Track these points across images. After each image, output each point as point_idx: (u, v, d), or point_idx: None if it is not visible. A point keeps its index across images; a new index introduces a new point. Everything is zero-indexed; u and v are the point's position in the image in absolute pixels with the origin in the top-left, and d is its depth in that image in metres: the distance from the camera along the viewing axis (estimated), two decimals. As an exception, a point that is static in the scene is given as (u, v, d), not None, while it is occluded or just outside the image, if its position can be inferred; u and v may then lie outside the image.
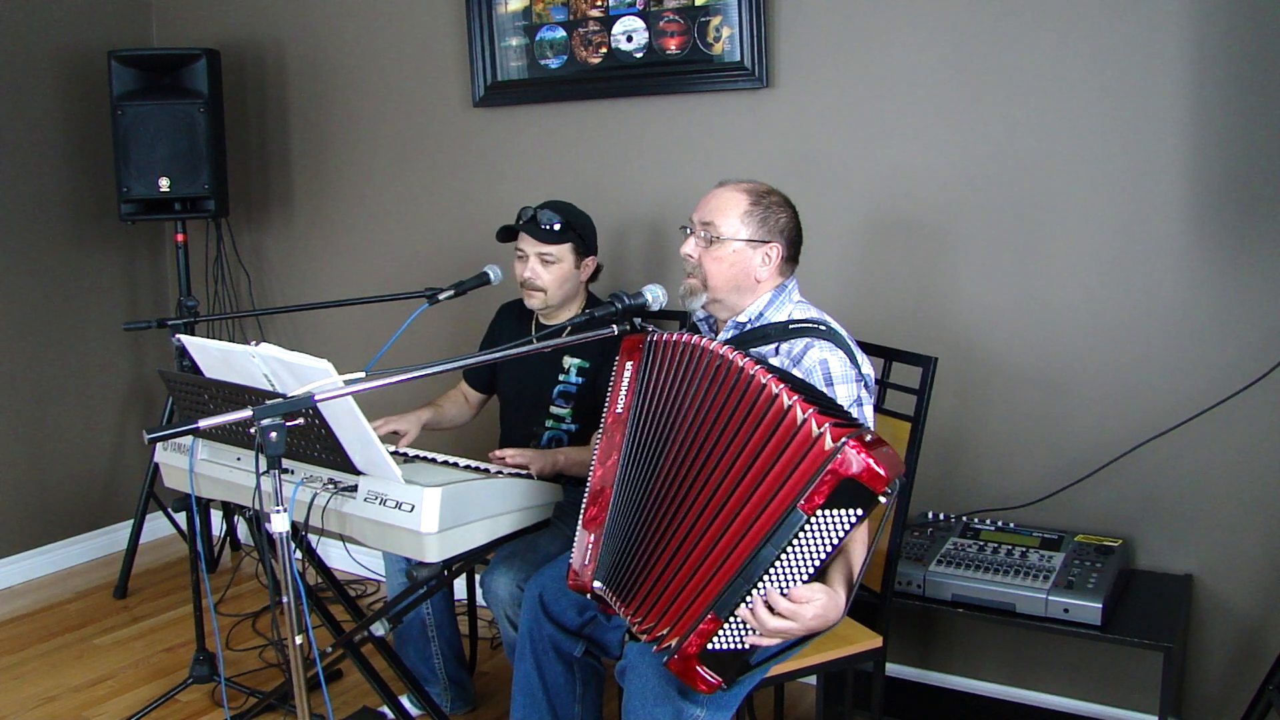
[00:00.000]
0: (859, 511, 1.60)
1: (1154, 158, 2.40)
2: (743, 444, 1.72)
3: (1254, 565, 2.40)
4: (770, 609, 1.67)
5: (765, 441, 1.69)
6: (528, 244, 2.55)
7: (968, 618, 2.33)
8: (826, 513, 1.60)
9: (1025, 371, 2.59)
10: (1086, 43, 2.43)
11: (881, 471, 1.57)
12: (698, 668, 1.71)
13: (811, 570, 1.65)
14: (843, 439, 1.59)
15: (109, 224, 3.85)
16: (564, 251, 2.55)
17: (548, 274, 2.55)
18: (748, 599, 1.68)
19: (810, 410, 1.65)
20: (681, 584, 1.76)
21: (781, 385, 1.70)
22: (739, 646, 1.72)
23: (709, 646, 1.71)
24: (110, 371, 3.97)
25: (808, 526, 1.62)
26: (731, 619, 1.70)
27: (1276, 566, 2.38)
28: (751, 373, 1.74)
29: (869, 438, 1.61)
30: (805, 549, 1.64)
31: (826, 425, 1.62)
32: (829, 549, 1.63)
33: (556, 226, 2.52)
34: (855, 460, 1.57)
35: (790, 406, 1.67)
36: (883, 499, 1.59)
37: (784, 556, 1.64)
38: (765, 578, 1.66)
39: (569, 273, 2.57)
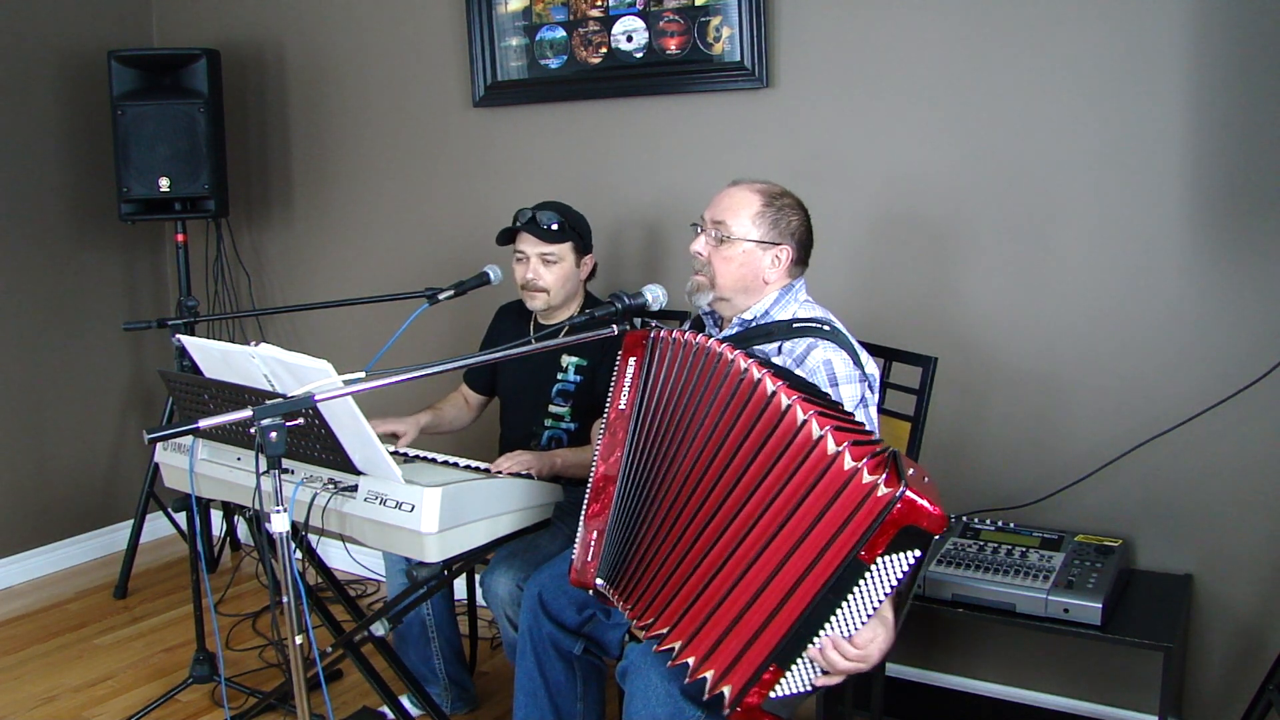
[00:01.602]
0: (918, 553, 1.57)
1: (1154, 158, 2.39)
2: (754, 452, 1.70)
3: (1254, 565, 2.40)
4: (840, 653, 1.63)
5: (779, 455, 1.65)
6: (528, 245, 2.55)
7: (968, 618, 2.33)
8: (887, 559, 1.57)
9: (1025, 371, 2.59)
10: (1087, 43, 2.43)
11: (937, 513, 1.54)
12: (763, 718, 1.68)
13: (873, 612, 1.62)
14: (900, 489, 1.54)
15: (109, 224, 3.85)
16: (565, 250, 2.55)
17: (550, 274, 2.55)
18: (814, 644, 1.64)
19: (828, 426, 1.61)
20: (709, 607, 1.71)
21: (779, 383, 1.69)
22: (804, 690, 1.69)
23: (773, 695, 1.67)
24: (110, 371, 3.97)
25: (868, 574, 1.58)
26: (794, 665, 1.66)
27: (1276, 566, 2.38)
28: (752, 374, 1.72)
29: (911, 470, 1.58)
30: (867, 594, 1.60)
31: (846, 445, 1.58)
32: (889, 590, 1.60)
33: (556, 226, 2.52)
34: (915, 510, 1.54)
35: (791, 406, 1.65)
36: (937, 534, 1.57)
37: (846, 604, 1.61)
38: (828, 624, 1.62)
39: (570, 272, 2.58)
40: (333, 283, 3.71)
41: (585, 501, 1.96)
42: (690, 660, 1.72)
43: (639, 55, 2.96)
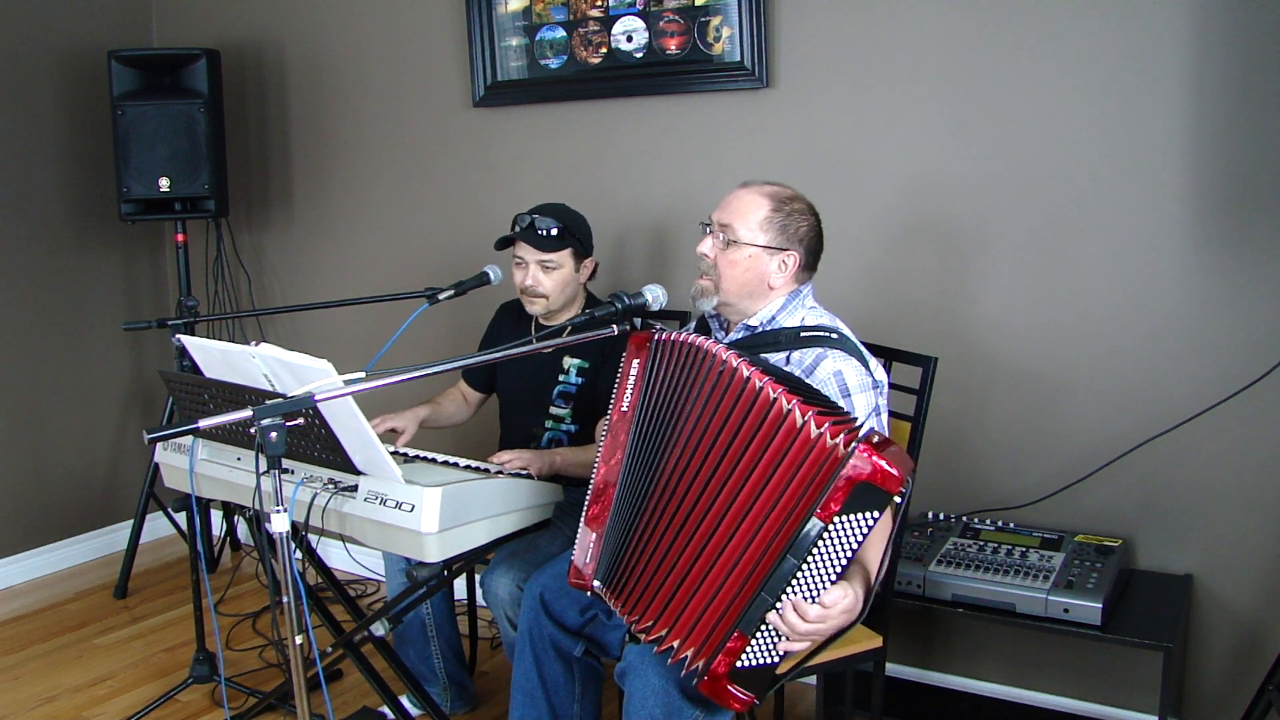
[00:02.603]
0: (875, 514, 1.60)
1: (1155, 158, 2.40)
2: (743, 448, 1.71)
3: (1254, 565, 2.40)
4: (800, 616, 1.65)
5: (766, 446, 1.68)
6: (527, 252, 2.54)
7: (968, 618, 2.33)
8: (844, 518, 1.59)
9: (1025, 371, 2.59)
10: (1087, 44, 2.43)
11: (894, 471, 1.56)
12: (729, 687, 1.69)
13: (835, 576, 1.64)
14: (852, 444, 1.58)
15: (109, 224, 3.85)
16: (564, 257, 2.54)
17: (549, 280, 2.54)
18: (776, 609, 1.65)
19: (810, 412, 1.64)
20: (690, 591, 1.74)
21: (780, 389, 1.69)
22: (770, 660, 1.70)
23: (739, 664, 1.69)
24: (110, 371, 3.97)
25: (827, 534, 1.61)
26: (759, 633, 1.68)
27: (1276, 566, 2.38)
28: (753, 379, 1.73)
29: (876, 439, 1.60)
30: (827, 556, 1.63)
31: (826, 425, 1.62)
32: (850, 553, 1.62)
33: (554, 232, 2.50)
34: (867, 464, 1.57)
35: (790, 411, 1.66)
36: (898, 498, 1.59)
37: (806, 566, 1.63)
38: (789, 589, 1.64)
39: (569, 277, 2.57)
40: (333, 283, 3.71)
41: (586, 503, 1.96)
42: (675, 643, 1.75)
43: (639, 55, 2.96)
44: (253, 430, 1.58)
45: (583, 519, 1.96)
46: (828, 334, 2.01)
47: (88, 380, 3.90)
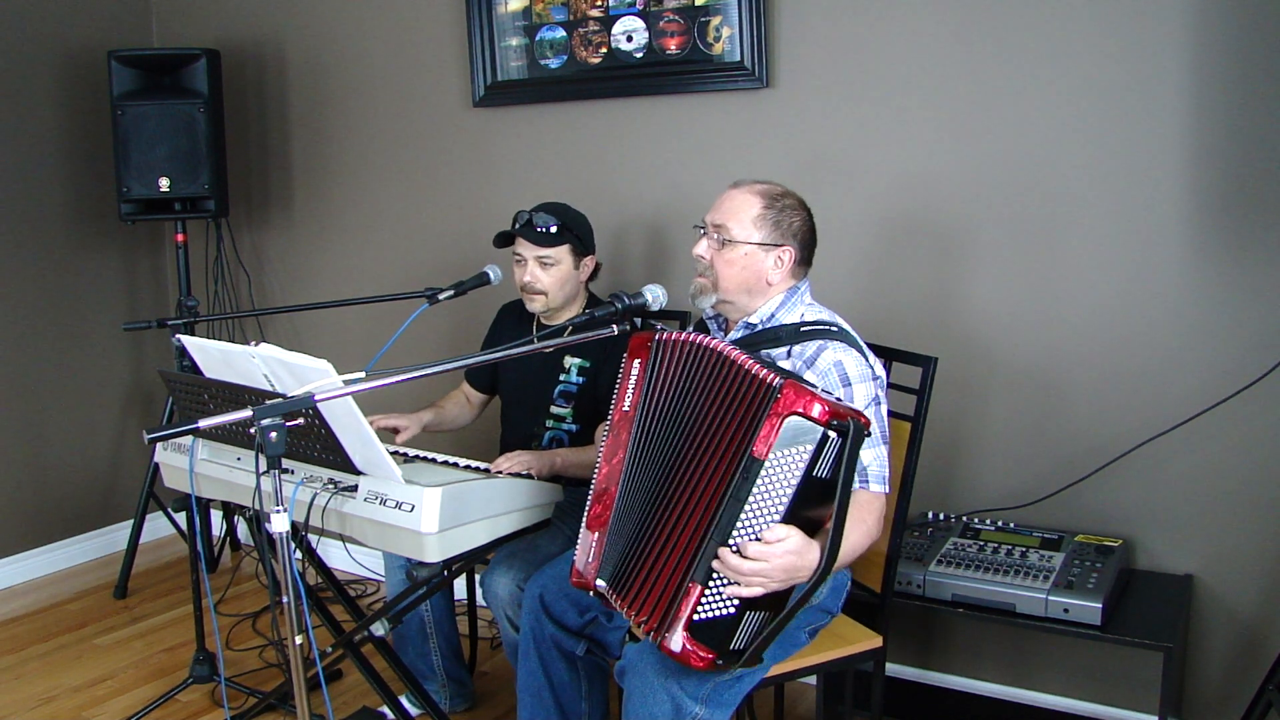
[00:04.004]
0: (808, 447, 1.66)
1: (1154, 158, 2.40)
2: (728, 423, 1.76)
3: (1254, 565, 2.40)
4: (741, 555, 1.69)
5: (735, 408, 1.75)
6: (525, 248, 2.54)
7: (968, 618, 2.33)
8: (780, 453, 1.66)
9: (1025, 371, 2.59)
10: (1087, 44, 2.43)
11: (821, 405, 1.65)
12: (688, 644, 1.71)
13: (777, 514, 1.69)
14: (779, 379, 1.67)
15: (109, 224, 3.85)
16: (562, 253, 2.55)
17: (548, 277, 2.55)
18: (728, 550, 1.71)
19: (775, 375, 1.71)
20: (671, 570, 1.77)
21: (775, 375, 1.72)
22: (726, 611, 1.72)
23: (696, 617, 1.71)
24: (110, 371, 3.97)
25: (765, 471, 1.67)
26: (712, 581, 1.71)
27: (1276, 566, 2.38)
28: (750, 369, 1.74)
29: (816, 390, 1.70)
30: (768, 493, 1.68)
31: (775, 377, 1.69)
32: (791, 487, 1.68)
33: (553, 229, 2.51)
34: (796, 398, 1.65)
35: (769, 380, 1.71)
36: (832, 433, 1.65)
37: (749, 506, 1.68)
38: (736, 532, 1.69)
39: (569, 274, 2.57)
40: (333, 283, 3.71)
41: (588, 502, 1.96)
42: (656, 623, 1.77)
43: (639, 55, 2.96)
44: (253, 430, 1.58)
45: (584, 520, 1.97)
46: (827, 327, 2.03)
47: (88, 380, 3.90)
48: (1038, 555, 2.38)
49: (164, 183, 3.37)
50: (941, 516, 2.64)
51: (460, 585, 2.88)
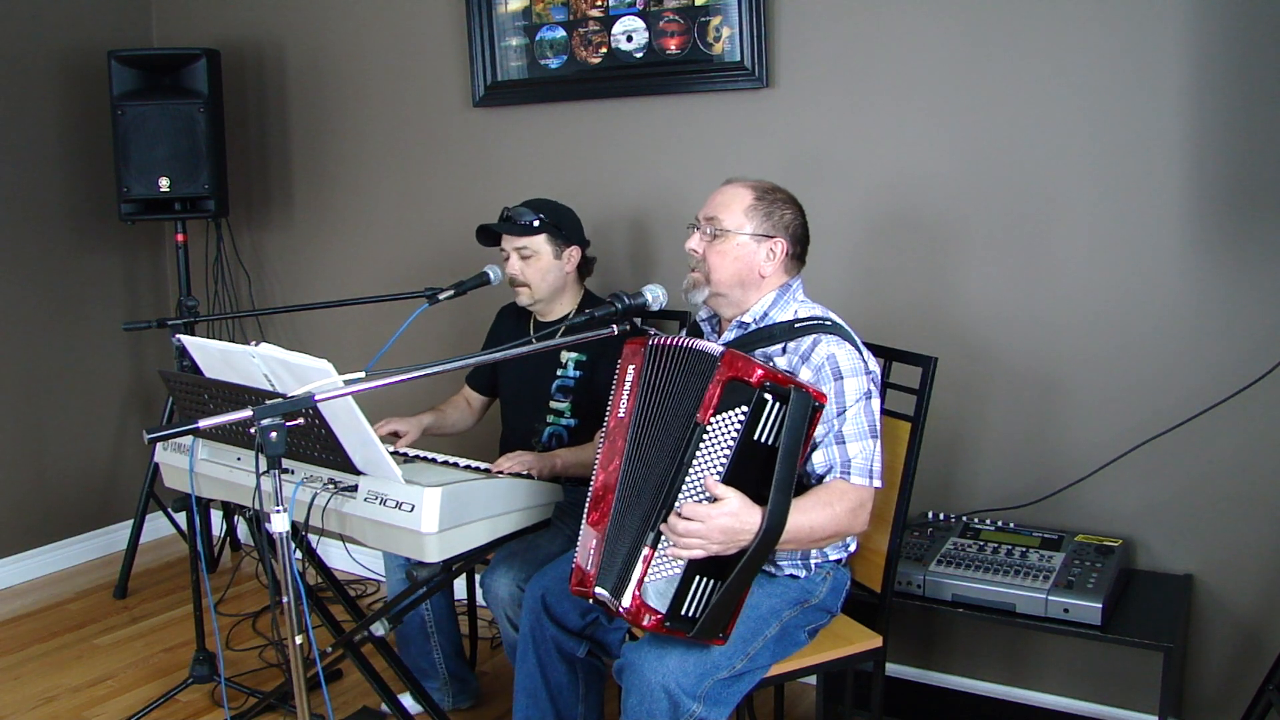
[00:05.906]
0: (744, 408, 1.75)
1: (1153, 158, 2.39)
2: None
3: (1254, 565, 2.40)
4: (680, 516, 1.77)
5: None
6: (507, 241, 2.61)
7: (968, 618, 2.33)
8: (719, 417, 1.77)
9: (1025, 371, 2.59)
10: (1086, 43, 2.43)
11: (760, 370, 1.75)
12: (639, 604, 1.80)
13: (719, 474, 1.78)
14: (722, 349, 1.78)
15: (109, 224, 3.84)
16: (539, 243, 2.57)
17: (529, 268, 2.59)
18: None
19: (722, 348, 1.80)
20: (635, 543, 1.85)
21: (764, 368, 1.78)
22: (673, 572, 1.81)
23: (647, 579, 1.80)
24: (110, 371, 3.97)
25: (705, 435, 1.77)
26: (660, 544, 1.81)
27: (1276, 566, 2.38)
28: (703, 349, 1.82)
29: (759, 359, 1.80)
30: (707, 456, 1.78)
31: (718, 348, 1.79)
32: (729, 449, 1.77)
33: (531, 221, 2.56)
34: (734, 362, 1.76)
35: (715, 353, 1.80)
36: (768, 396, 1.75)
37: (693, 471, 1.78)
38: (681, 496, 1.79)
39: (550, 264, 2.60)
40: (333, 283, 3.71)
41: (585, 509, 1.97)
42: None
43: (639, 55, 2.96)
44: (253, 430, 1.58)
45: (583, 525, 1.97)
46: (821, 321, 2.04)
47: (88, 380, 3.90)
48: (1038, 555, 2.38)
49: (164, 183, 3.37)
50: (941, 516, 2.64)
51: (460, 585, 2.88)
